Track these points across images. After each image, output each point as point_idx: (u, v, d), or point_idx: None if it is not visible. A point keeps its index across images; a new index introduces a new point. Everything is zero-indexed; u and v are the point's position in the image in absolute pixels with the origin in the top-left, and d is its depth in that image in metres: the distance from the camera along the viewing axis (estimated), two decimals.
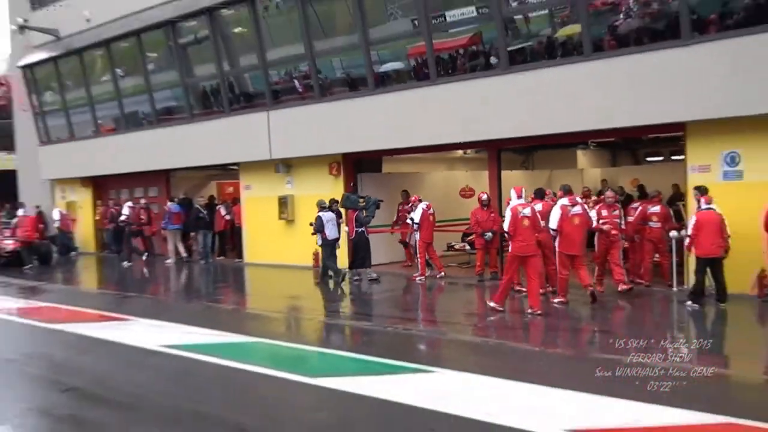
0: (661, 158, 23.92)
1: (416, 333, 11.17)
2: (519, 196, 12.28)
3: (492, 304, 12.33)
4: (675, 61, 12.89)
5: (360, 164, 19.43)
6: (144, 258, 23.61)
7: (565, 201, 12.86)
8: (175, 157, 22.79)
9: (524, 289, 13.03)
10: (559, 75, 14.36)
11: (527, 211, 12.06)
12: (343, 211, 17.07)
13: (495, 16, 14.98)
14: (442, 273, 16.55)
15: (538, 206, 13.01)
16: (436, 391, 7.84)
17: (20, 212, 23.65)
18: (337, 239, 16.52)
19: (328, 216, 16.44)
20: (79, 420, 7.38)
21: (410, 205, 17.80)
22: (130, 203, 23.49)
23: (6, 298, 16.81)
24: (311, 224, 16.44)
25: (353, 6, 17.00)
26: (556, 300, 12.85)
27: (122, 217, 23.12)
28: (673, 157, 21.47)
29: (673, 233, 13.73)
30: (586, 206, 13.31)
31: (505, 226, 12.13)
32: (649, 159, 24.65)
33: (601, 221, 13.60)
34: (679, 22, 12.84)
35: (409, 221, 17.20)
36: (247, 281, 18.18)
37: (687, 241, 12.27)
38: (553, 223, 12.66)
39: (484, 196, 15.88)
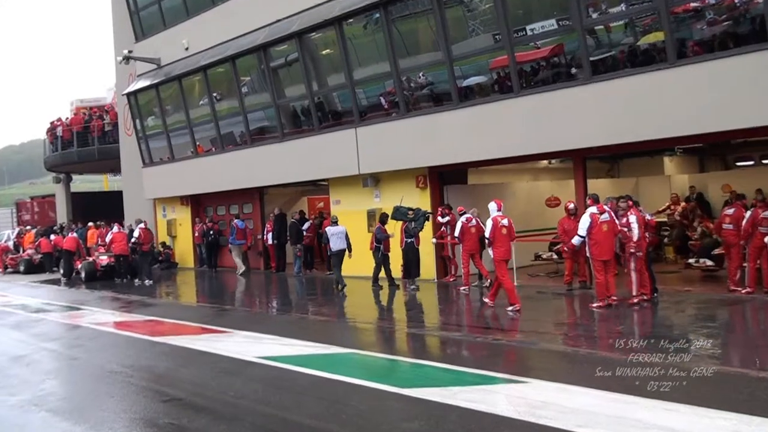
0: (751, 162, 22.88)
1: (506, 343, 10.95)
2: (499, 209, 13.70)
3: (487, 300, 13.98)
4: (764, 63, 12.26)
5: (445, 176, 19.31)
6: (240, 273, 23.99)
7: (594, 209, 13.24)
8: (268, 175, 23.08)
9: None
10: (643, 82, 13.94)
11: (506, 222, 13.62)
12: (394, 223, 17.52)
13: (576, 26, 14.67)
14: (489, 281, 16.29)
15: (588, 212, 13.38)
16: (529, 401, 7.63)
17: (115, 229, 24.36)
18: (343, 250, 17.95)
19: (335, 230, 18.05)
20: (182, 429, 7.42)
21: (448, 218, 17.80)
22: (142, 224, 23.31)
23: (109, 312, 17.30)
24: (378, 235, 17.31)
25: (436, 24, 16.91)
26: (594, 305, 13.10)
27: (132, 239, 23.09)
28: (765, 161, 20.55)
29: None
30: (614, 214, 13.42)
31: (486, 233, 13.62)
32: (739, 164, 23.61)
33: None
34: (765, 25, 12.23)
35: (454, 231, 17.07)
36: (336, 293, 18.26)
37: None
38: (583, 230, 13.20)
39: (571, 206, 15.72)
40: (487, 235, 13.65)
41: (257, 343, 11.93)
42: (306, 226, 22.21)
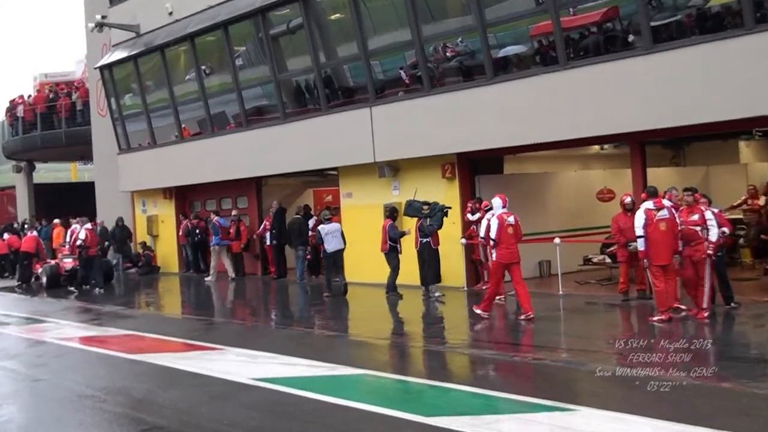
0: None
1: (550, 363, 10.89)
2: (504, 205, 14.30)
3: (478, 311, 14.44)
4: None
5: (478, 165, 19.30)
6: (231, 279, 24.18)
7: (650, 204, 13.25)
8: (267, 163, 23.13)
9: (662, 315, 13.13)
10: (714, 52, 13.88)
11: (512, 219, 14.16)
12: (409, 219, 17.71)
13: None
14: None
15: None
16: None
17: (77, 226, 24.27)
18: (339, 251, 18.32)
19: (328, 228, 18.38)
20: None
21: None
22: (88, 225, 23.45)
23: (77, 324, 17.37)
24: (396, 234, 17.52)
25: None
26: (655, 318, 13.11)
27: (78, 242, 23.06)
28: None
29: None
30: (674, 210, 13.38)
31: (492, 234, 14.07)
32: None
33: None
34: None
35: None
36: (346, 303, 18.43)
37: None
38: (639, 229, 13.24)
39: (628, 199, 15.58)
40: (492, 235, 14.10)
41: (253, 363, 11.94)
42: (312, 223, 22.13)
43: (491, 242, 14.23)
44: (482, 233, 16.12)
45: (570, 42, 16.03)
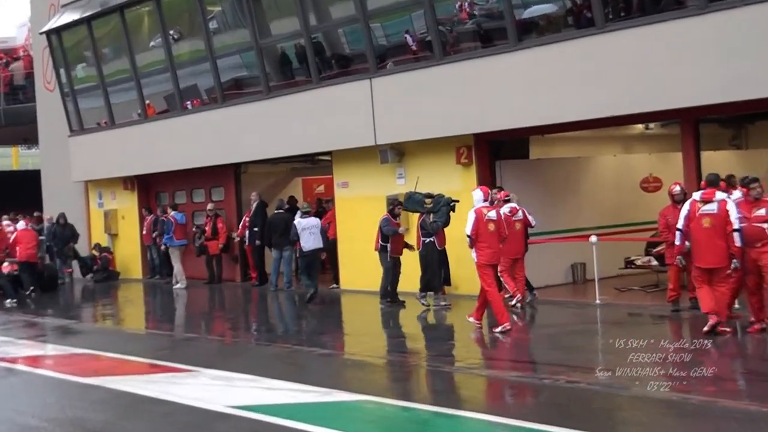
0: None
1: (586, 387, 10.89)
2: (486, 199, 14.82)
3: (470, 319, 15.11)
4: None
5: (499, 148, 19.31)
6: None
7: (697, 195, 13.51)
8: (247, 147, 23.10)
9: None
10: None
11: (493, 215, 14.74)
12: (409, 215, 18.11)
13: None
14: (516, 300, 16.84)
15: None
16: None
17: (20, 225, 24.24)
18: (316, 251, 18.98)
19: (306, 222, 18.97)
20: None
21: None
22: (22, 224, 23.79)
23: (20, 342, 17.25)
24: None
25: None
26: (705, 329, 13.17)
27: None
28: None
29: None
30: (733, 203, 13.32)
31: (468, 229, 14.59)
32: None
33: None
34: None
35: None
36: (341, 315, 18.42)
37: None
38: (679, 220, 13.71)
39: (677, 188, 15.61)
40: (468, 231, 14.60)
41: (230, 387, 11.95)
42: (313, 220, 21.39)
43: (467, 239, 14.64)
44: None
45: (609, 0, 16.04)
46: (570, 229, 18.76)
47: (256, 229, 22.83)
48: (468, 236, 14.58)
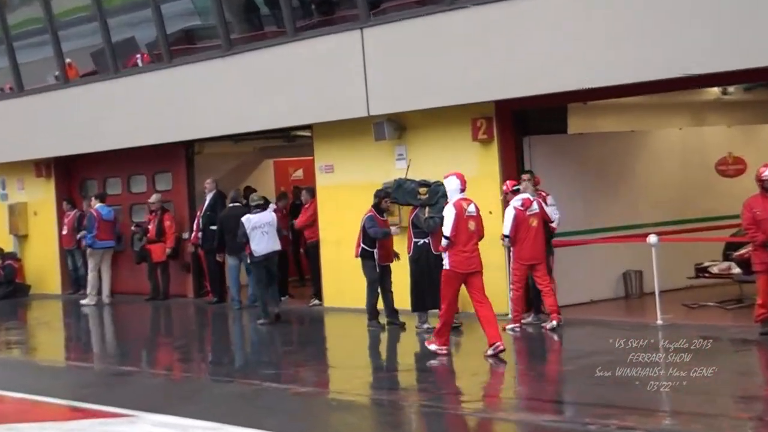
0: None
1: None
2: (462, 188, 14.86)
3: (432, 347, 15.10)
4: None
5: (527, 120, 19.23)
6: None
7: None
8: (201, 119, 23.00)
9: None
10: None
11: (472, 209, 14.88)
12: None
13: None
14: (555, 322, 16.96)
15: None
16: None
17: None
18: (270, 255, 19.02)
19: (258, 219, 18.93)
20: None
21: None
22: None
23: None
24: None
25: None
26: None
27: None
28: None
29: None
30: None
31: (446, 230, 14.65)
32: None
33: None
34: None
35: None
36: (324, 341, 18.61)
37: None
38: (746, 219, 14.67)
39: (767, 173, 15.35)
40: (447, 232, 14.68)
41: None
42: (267, 216, 21.26)
43: (445, 241, 14.79)
44: (507, 229, 17.02)
45: None
46: (621, 227, 18.71)
47: (213, 227, 22.46)
48: (446, 237, 14.66)
